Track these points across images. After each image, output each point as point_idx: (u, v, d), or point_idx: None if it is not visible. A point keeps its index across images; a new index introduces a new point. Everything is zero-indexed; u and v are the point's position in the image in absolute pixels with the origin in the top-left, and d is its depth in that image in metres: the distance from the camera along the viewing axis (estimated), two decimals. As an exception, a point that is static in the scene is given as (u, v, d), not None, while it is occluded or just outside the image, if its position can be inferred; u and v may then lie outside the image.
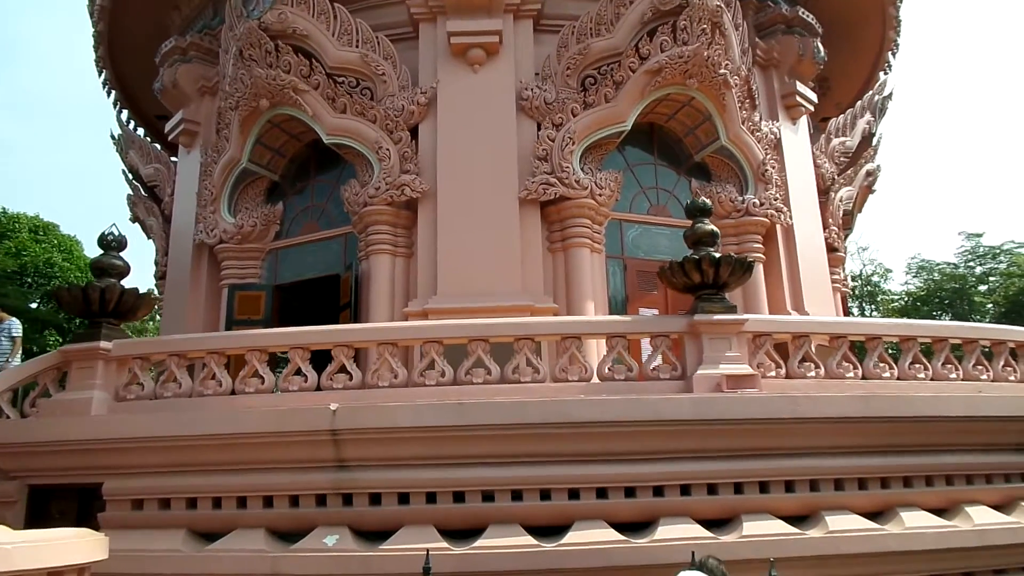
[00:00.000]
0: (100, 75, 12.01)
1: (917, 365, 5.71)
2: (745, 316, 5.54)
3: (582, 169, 8.40)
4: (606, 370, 5.26)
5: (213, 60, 10.07)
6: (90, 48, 11.75)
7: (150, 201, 10.84)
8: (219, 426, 4.78)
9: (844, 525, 4.74)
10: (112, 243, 5.57)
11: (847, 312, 13.48)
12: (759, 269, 8.97)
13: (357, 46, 8.64)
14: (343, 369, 5.26)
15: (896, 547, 4.72)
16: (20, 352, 7.73)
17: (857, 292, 27.58)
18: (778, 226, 9.23)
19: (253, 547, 4.53)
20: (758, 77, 9.72)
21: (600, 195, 8.36)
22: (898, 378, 5.61)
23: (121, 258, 5.60)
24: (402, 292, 8.20)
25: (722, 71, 8.63)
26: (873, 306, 27.69)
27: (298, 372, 5.21)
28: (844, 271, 11.62)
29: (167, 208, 10.36)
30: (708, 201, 6.19)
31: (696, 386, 5.10)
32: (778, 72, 9.98)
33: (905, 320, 12.87)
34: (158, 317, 15.38)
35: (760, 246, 9.15)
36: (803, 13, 10.01)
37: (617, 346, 5.34)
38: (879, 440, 5.02)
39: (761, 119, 9.42)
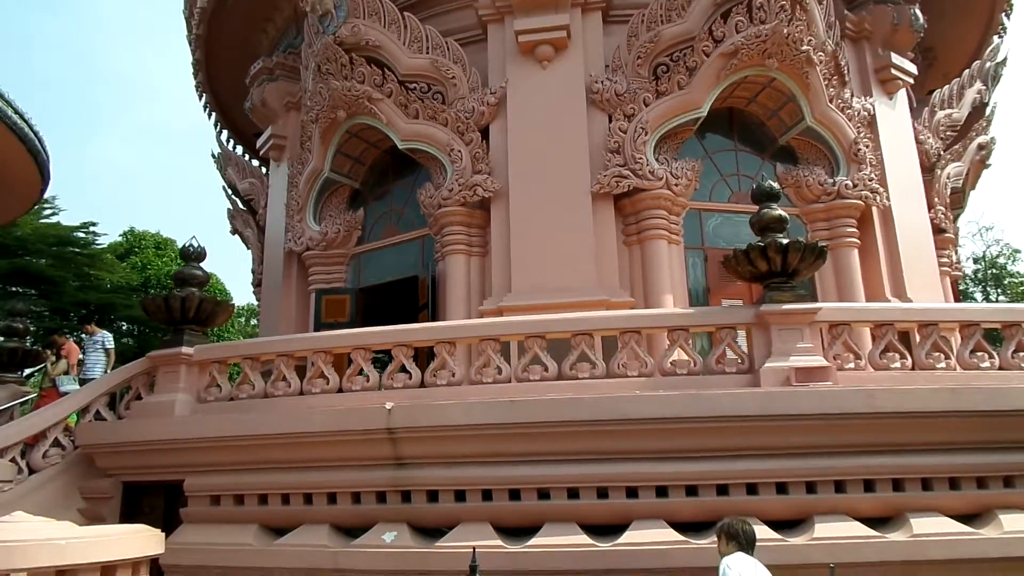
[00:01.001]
0: (200, 99, 12.84)
1: (1021, 353, 5.15)
2: (817, 305, 5.19)
3: (657, 159, 8.16)
4: (667, 364, 5.07)
5: (297, 77, 10.53)
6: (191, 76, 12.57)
7: (247, 214, 11.49)
8: (285, 426, 4.97)
9: (933, 528, 4.34)
10: (193, 255, 5.92)
11: (960, 297, 12.40)
12: (853, 255, 8.43)
13: (427, 52, 8.78)
14: (403, 368, 5.34)
15: (995, 553, 4.27)
16: (113, 361, 8.37)
17: (980, 276, 25.38)
18: (874, 208, 8.61)
19: (317, 542, 4.68)
20: (848, 51, 9.11)
21: (676, 185, 8.09)
22: (1000, 368, 5.08)
23: (201, 268, 5.94)
24: (478, 291, 8.25)
25: (804, 48, 8.15)
26: (1000, 290, 25.37)
27: (360, 372, 5.35)
28: (956, 254, 10.69)
29: (261, 219, 10.94)
30: (775, 185, 5.83)
31: (764, 380, 4.83)
32: (871, 44, 9.32)
33: (1005, 305, 11.56)
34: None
35: (854, 230, 8.56)
36: (896, -22, 9.31)
37: (679, 339, 5.14)
38: (974, 436, 4.57)
39: (852, 95, 8.83)
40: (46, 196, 13.57)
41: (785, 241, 5.09)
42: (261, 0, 10.86)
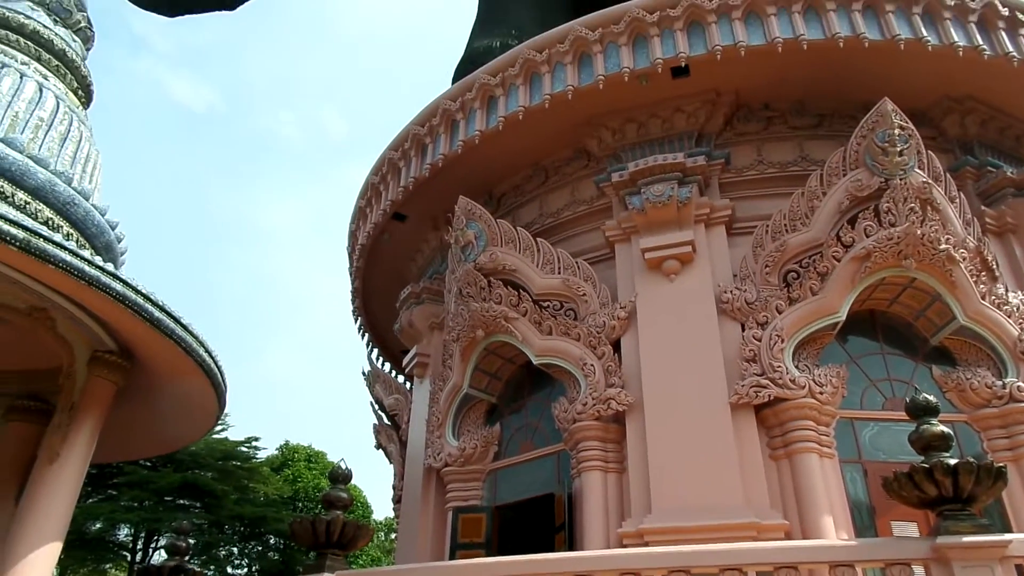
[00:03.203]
0: (356, 321, 14.10)
1: None
2: (1007, 537, 4.54)
3: (796, 367, 7.88)
4: (833, 606, 4.52)
5: (441, 300, 11.40)
6: (349, 302, 13.95)
7: (391, 429, 12.00)
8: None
9: None
10: (339, 477, 6.19)
11: None
12: (1045, 468, 7.45)
13: (559, 272, 9.31)
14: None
15: None
16: None
17: None
18: (1058, 412, 7.70)
19: None
20: (993, 246, 8.74)
21: (821, 393, 7.70)
22: None
23: (347, 490, 6.18)
24: (616, 510, 7.92)
25: (943, 247, 7.92)
26: None
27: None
28: None
29: (403, 435, 11.36)
30: (932, 398, 5.39)
31: (951, 628, 4.17)
32: (1018, 237, 8.90)
33: None
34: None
35: (1039, 437, 7.64)
36: (1034, 172, 9.05)
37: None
38: None
39: (1007, 291, 8.32)
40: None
41: (954, 462, 4.62)
42: (412, 235, 12.16)
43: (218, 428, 24.24)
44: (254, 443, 24.87)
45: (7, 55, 10.26)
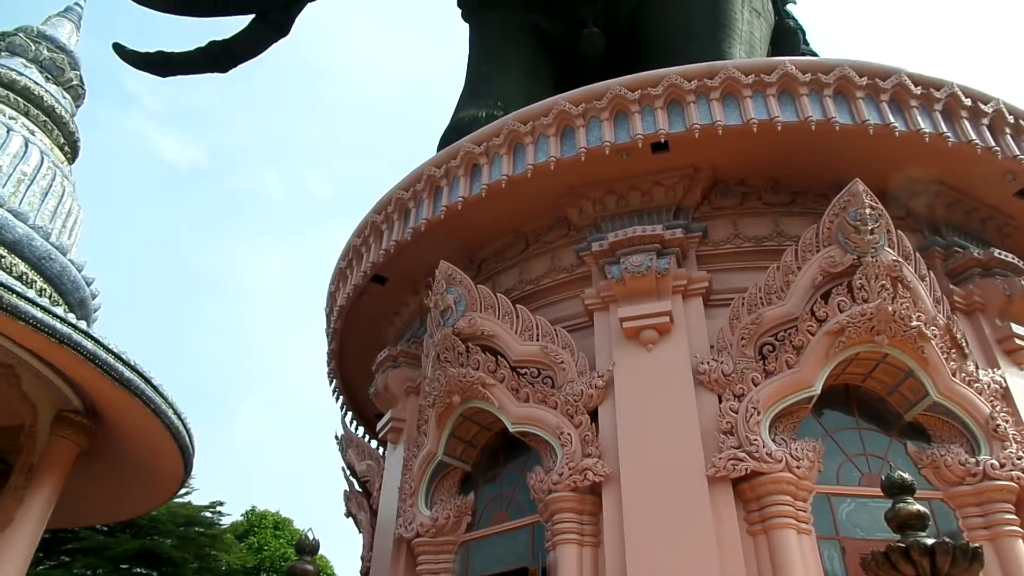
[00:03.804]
0: (331, 384, 13.91)
1: None
2: (985, 619, 4.49)
3: (773, 440, 7.87)
4: None
5: (418, 364, 11.31)
6: (325, 363, 13.79)
7: (362, 496, 11.70)
8: None
9: None
10: (307, 548, 6.00)
11: None
12: (1017, 545, 7.42)
13: (537, 339, 9.32)
14: None
15: None
16: None
17: None
18: (1033, 490, 7.74)
19: None
20: (963, 323, 8.93)
21: (798, 467, 7.67)
22: None
23: (313, 563, 6.00)
24: (592, 585, 7.73)
25: (914, 324, 8.08)
26: None
27: None
28: None
29: (375, 503, 11.07)
30: (907, 476, 5.41)
31: None
32: (986, 316, 9.11)
33: None
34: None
35: (1014, 516, 7.64)
36: (999, 253, 9.34)
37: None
38: None
39: (977, 368, 8.47)
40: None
41: (931, 542, 4.61)
42: (391, 298, 12.16)
43: (181, 491, 23.50)
44: (218, 508, 24.10)
45: (-5, 109, 10.36)
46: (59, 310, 7.35)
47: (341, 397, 14.06)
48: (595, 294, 9.40)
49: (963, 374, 8.21)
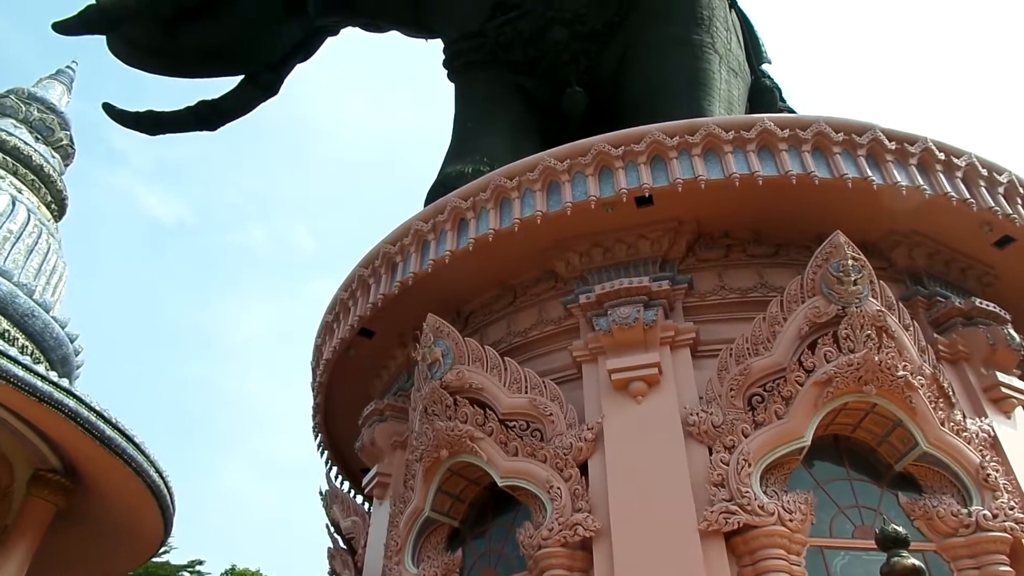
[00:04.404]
0: (316, 438, 13.70)
1: None
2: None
3: (765, 492, 7.80)
4: None
5: (405, 418, 11.20)
6: (310, 418, 13.61)
7: (346, 554, 11.40)
8: None
9: None
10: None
11: None
12: (1018, 599, 7.33)
13: (526, 392, 9.27)
14: None
15: None
16: None
17: None
18: (1025, 540, 7.68)
19: None
20: (949, 372, 9.00)
21: (791, 520, 7.58)
22: None
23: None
24: (583, 646, 7.52)
25: (901, 373, 8.12)
26: None
27: None
28: None
29: (360, 560, 10.80)
30: (901, 529, 5.38)
31: None
32: (971, 365, 9.19)
33: None
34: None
35: (1009, 568, 7.55)
36: (981, 303, 9.47)
37: None
38: None
39: (965, 417, 8.49)
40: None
41: (925, 595, 4.55)
42: (378, 352, 12.10)
43: (162, 551, 22.84)
44: (198, 567, 23.38)
45: (-17, 170, 10.43)
46: (40, 368, 7.26)
47: (326, 452, 13.83)
48: (583, 346, 9.40)
49: (951, 423, 8.23)
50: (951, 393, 8.59)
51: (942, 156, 9.78)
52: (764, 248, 10.05)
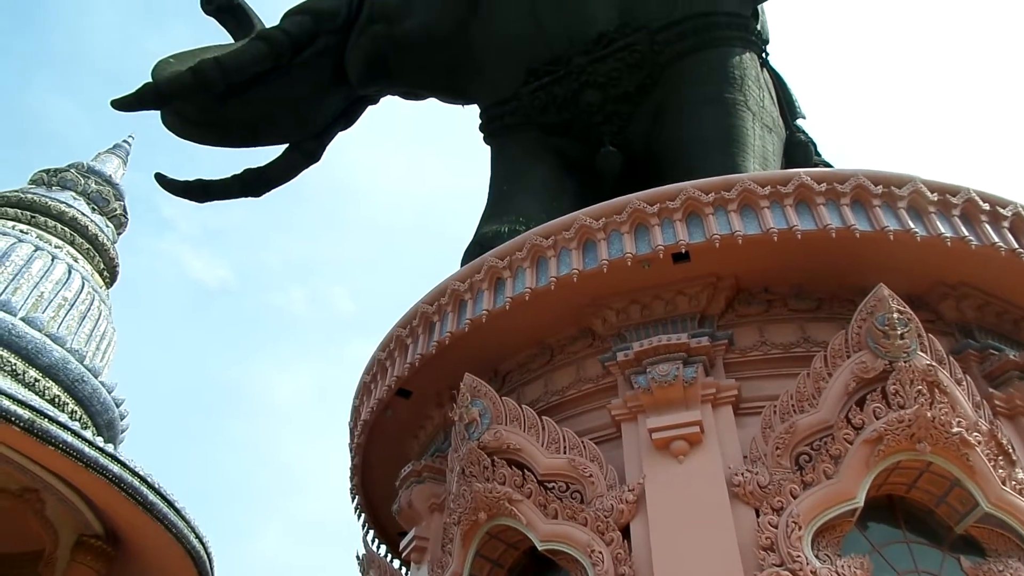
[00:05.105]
0: (353, 500, 13.59)
1: None
2: None
3: (817, 557, 7.46)
4: None
5: (442, 479, 11.05)
6: (348, 479, 13.55)
7: (385, 623, 11.15)
8: None
9: None
10: None
11: None
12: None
13: (564, 452, 9.12)
14: None
15: None
16: None
17: None
18: (1104, 610, 7.18)
19: None
20: (1007, 429, 8.61)
21: (846, 587, 7.23)
22: None
23: None
24: None
25: (955, 430, 7.79)
26: None
27: None
28: None
29: (398, 629, 10.54)
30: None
31: None
32: (1030, 420, 8.79)
33: None
34: None
35: (1089, 640, 7.05)
36: (1036, 355, 9.13)
37: None
38: None
39: (1027, 475, 8.07)
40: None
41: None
42: (416, 412, 12.06)
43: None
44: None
45: (43, 239, 10.93)
46: (88, 433, 7.40)
47: (363, 515, 13.68)
48: (622, 404, 9.26)
49: (1013, 482, 7.83)
50: (1011, 450, 8.19)
51: (986, 206, 9.58)
52: (806, 303, 9.87)
